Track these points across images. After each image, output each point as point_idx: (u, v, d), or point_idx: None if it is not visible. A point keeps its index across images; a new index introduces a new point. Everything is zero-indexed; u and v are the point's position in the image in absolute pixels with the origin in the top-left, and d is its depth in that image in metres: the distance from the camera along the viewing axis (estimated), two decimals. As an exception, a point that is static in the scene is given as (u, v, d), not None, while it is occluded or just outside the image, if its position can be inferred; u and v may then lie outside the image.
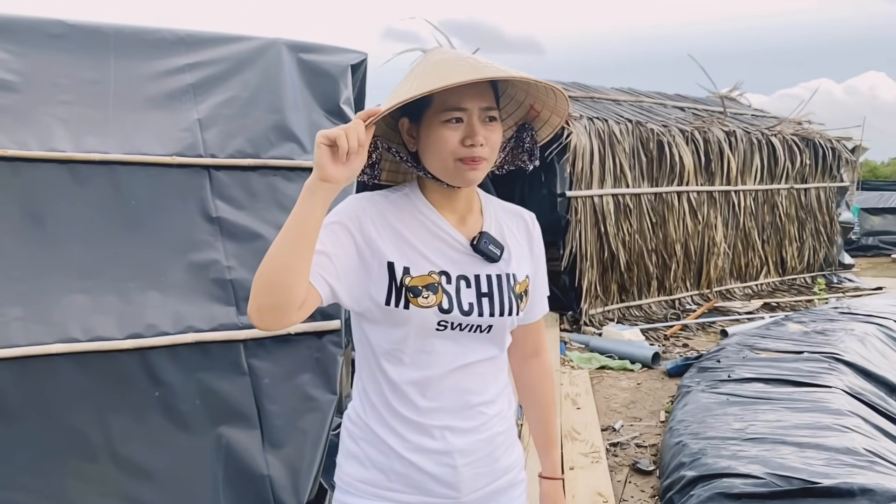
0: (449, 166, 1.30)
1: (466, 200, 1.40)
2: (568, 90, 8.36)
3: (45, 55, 2.76)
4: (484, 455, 1.39)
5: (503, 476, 1.44)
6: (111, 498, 2.33)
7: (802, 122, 10.48)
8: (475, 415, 1.38)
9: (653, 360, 5.49)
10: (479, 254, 1.35)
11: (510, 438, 1.46)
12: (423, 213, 1.36)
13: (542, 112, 1.41)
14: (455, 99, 1.27)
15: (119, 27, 2.94)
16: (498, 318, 1.35)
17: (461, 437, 1.36)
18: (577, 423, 4.07)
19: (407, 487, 1.37)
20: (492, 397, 1.40)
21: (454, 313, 1.31)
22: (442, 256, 1.34)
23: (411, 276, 1.30)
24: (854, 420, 3.31)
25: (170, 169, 2.64)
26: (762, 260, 9.04)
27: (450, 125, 1.28)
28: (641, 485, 3.35)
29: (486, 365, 1.39)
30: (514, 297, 1.37)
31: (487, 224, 1.40)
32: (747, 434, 3.15)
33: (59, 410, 2.32)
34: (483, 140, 1.28)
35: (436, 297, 1.30)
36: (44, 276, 2.42)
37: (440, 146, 1.29)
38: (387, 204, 1.36)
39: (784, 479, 2.60)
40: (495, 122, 1.31)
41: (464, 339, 1.35)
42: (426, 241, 1.34)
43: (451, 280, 1.32)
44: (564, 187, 6.89)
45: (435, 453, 1.35)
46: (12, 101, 2.62)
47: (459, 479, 1.36)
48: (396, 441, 1.36)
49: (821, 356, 4.38)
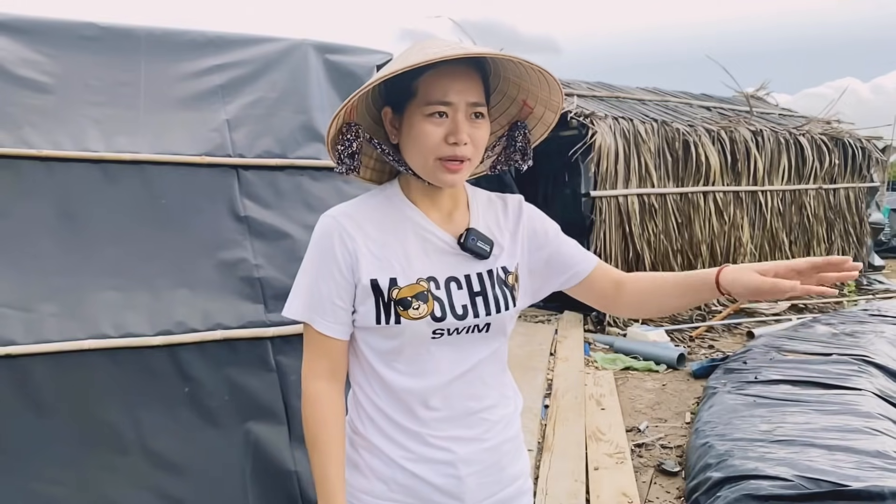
0: (429, 164, 1.23)
1: (452, 196, 1.33)
2: (593, 90, 8.34)
3: (78, 57, 2.81)
4: (490, 464, 1.34)
5: (511, 485, 1.39)
6: (142, 491, 2.37)
7: (831, 121, 10.35)
8: (478, 422, 1.33)
9: (678, 361, 5.45)
10: (468, 252, 1.29)
11: (516, 446, 1.41)
12: (406, 215, 1.30)
13: (535, 108, 1.34)
14: (440, 91, 1.20)
15: (150, 29, 2.99)
16: (495, 316, 1.29)
17: (464, 446, 1.31)
18: (601, 423, 4.05)
19: (409, 497, 1.32)
20: (493, 402, 1.35)
21: (448, 319, 1.25)
22: (428, 260, 1.28)
23: (399, 288, 1.24)
24: (884, 423, 3.27)
25: (199, 168, 2.68)
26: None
27: (433, 119, 1.20)
28: (667, 486, 3.33)
29: (487, 365, 1.33)
30: (507, 289, 1.31)
31: (475, 219, 1.34)
32: (775, 436, 3.12)
33: (91, 405, 2.36)
34: (467, 138, 1.20)
35: (427, 305, 1.24)
36: (76, 274, 2.46)
37: (421, 142, 1.21)
38: (366, 212, 1.30)
39: (812, 481, 2.57)
40: (482, 119, 1.24)
41: (463, 343, 1.30)
42: (411, 245, 1.28)
43: (440, 284, 1.26)
44: (589, 187, 6.87)
45: (438, 464, 1.30)
46: (47, 102, 2.67)
47: (463, 490, 1.31)
48: (397, 451, 1.30)
49: (850, 358, 4.33)
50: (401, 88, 1.23)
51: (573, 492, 3.14)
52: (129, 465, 2.38)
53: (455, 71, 1.20)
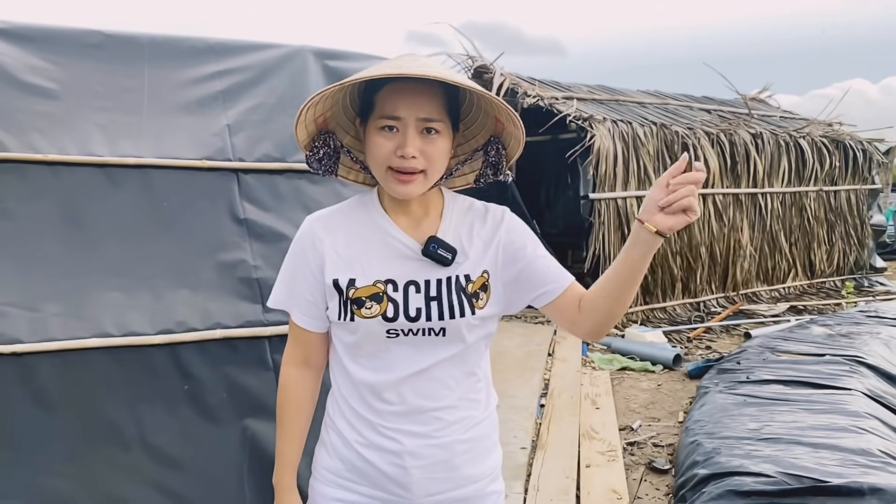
0: (381, 175, 1.30)
1: (422, 204, 1.38)
2: (593, 93, 8.40)
3: (83, 64, 2.89)
4: (440, 461, 1.38)
5: (467, 486, 1.42)
6: (142, 485, 2.44)
7: (833, 123, 10.39)
8: (430, 420, 1.37)
9: (674, 361, 5.51)
10: (429, 258, 1.34)
11: (478, 447, 1.43)
12: (375, 221, 1.37)
13: (507, 126, 1.36)
14: (390, 107, 1.26)
15: (152, 37, 3.07)
16: (449, 321, 1.33)
17: (413, 440, 1.37)
18: (595, 422, 4.12)
19: (362, 480, 1.40)
20: (451, 403, 1.39)
21: (400, 320, 1.32)
22: (390, 264, 1.34)
23: (356, 288, 1.32)
24: (871, 422, 3.33)
25: (200, 172, 2.75)
26: (790, 263, 8.99)
27: (384, 133, 1.27)
28: (657, 483, 3.40)
29: (446, 368, 1.37)
30: (466, 297, 1.35)
31: (444, 227, 1.38)
32: (762, 434, 3.19)
33: (94, 401, 2.44)
34: (415, 152, 1.26)
35: (380, 306, 1.32)
36: (80, 274, 2.54)
37: (374, 153, 1.29)
38: (340, 217, 1.40)
39: (795, 478, 2.64)
40: (436, 135, 1.28)
41: (421, 344, 1.35)
42: (376, 250, 1.35)
43: (399, 287, 1.33)
44: (587, 189, 6.95)
45: (386, 452, 1.37)
46: (53, 107, 2.75)
47: (410, 481, 1.37)
48: (353, 435, 1.40)
49: (842, 359, 4.39)
50: (366, 102, 1.30)
51: (564, 488, 3.22)
52: (131, 460, 2.46)
53: (408, 88, 1.25)
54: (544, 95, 7.44)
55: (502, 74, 7.71)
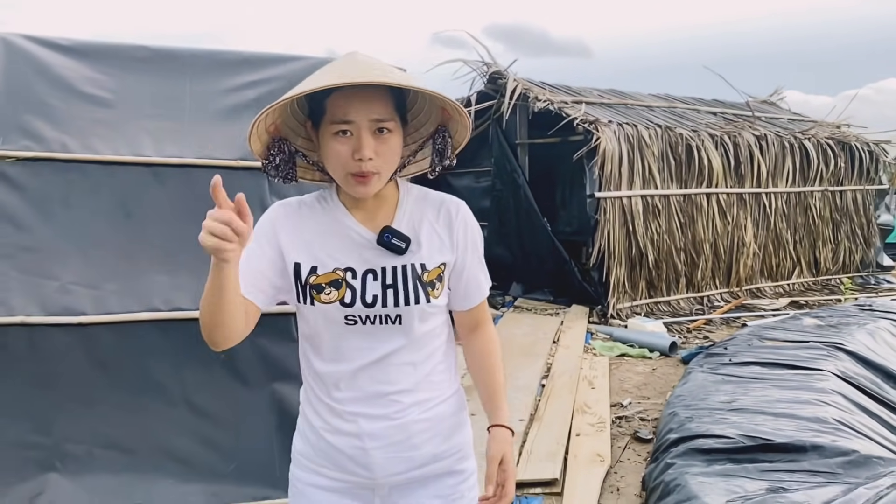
0: (341, 179, 1.35)
1: (377, 196, 1.41)
2: (602, 97, 8.77)
3: (133, 76, 3.30)
4: (397, 441, 1.43)
5: (430, 464, 1.47)
6: (185, 436, 2.87)
7: (840, 125, 10.68)
8: (388, 403, 1.43)
9: (670, 349, 5.86)
10: (384, 247, 1.39)
11: (439, 427, 1.48)
12: (334, 215, 1.42)
13: (453, 115, 1.41)
14: (341, 111, 1.28)
15: (193, 51, 3.49)
16: (405, 308, 1.39)
17: (372, 422, 1.42)
18: (589, 399, 4.50)
19: (329, 463, 1.46)
20: (409, 387, 1.44)
21: (357, 306, 1.37)
22: (349, 254, 1.40)
23: (317, 275, 1.38)
24: (834, 397, 3.65)
25: (235, 171, 3.12)
26: (794, 260, 9.27)
27: (338, 138, 1.30)
28: (639, 450, 3.77)
29: (403, 355, 1.43)
30: (422, 285, 1.40)
31: (398, 218, 1.43)
32: (731, 406, 3.55)
33: (145, 365, 2.87)
34: (371, 154, 1.29)
35: (338, 292, 1.37)
36: (133, 258, 2.96)
37: (332, 159, 1.32)
38: (302, 210, 1.44)
39: (751, 439, 3.00)
40: (389, 133, 1.32)
41: (377, 333, 1.40)
42: (334, 241, 1.41)
43: (357, 275, 1.39)
44: (594, 189, 7.31)
45: (347, 436, 1.43)
46: (108, 115, 3.17)
47: (371, 461, 1.42)
48: (319, 422, 1.46)
49: (822, 345, 4.69)
50: (315, 106, 1.33)
51: (553, 452, 3.61)
52: (176, 414, 2.88)
53: (357, 91, 1.27)
54: (554, 100, 7.81)
55: (515, 80, 8.11)
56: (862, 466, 2.72)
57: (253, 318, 1.36)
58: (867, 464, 2.73)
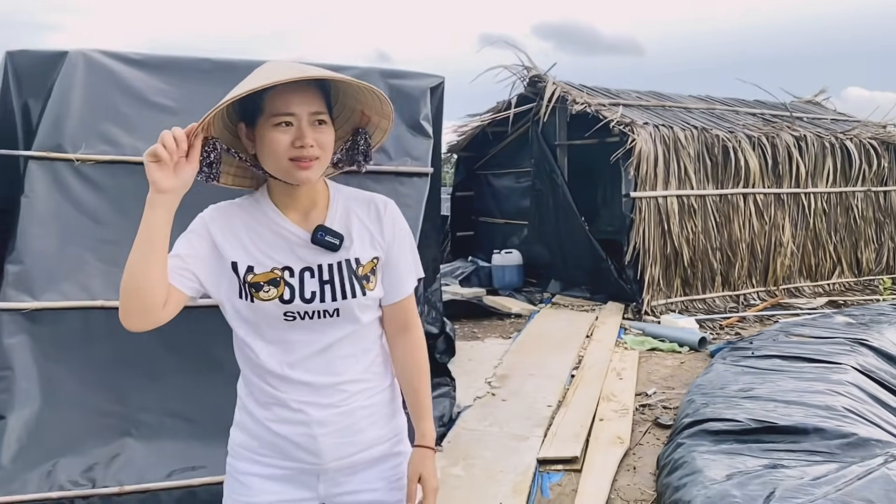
0: (283, 166, 1.40)
1: (309, 197, 1.49)
2: (641, 98, 8.95)
3: (195, 86, 3.65)
4: (345, 426, 1.50)
5: (371, 447, 1.55)
6: (241, 409, 3.22)
7: (887, 125, 10.63)
8: (335, 392, 1.49)
9: (700, 343, 6.05)
10: (318, 245, 1.45)
11: (380, 412, 1.56)
12: (268, 216, 1.47)
13: (372, 117, 1.52)
14: (283, 105, 1.37)
15: (249, 62, 3.81)
16: (342, 302, 1.45)
17: (320, 410, 1.48)
18: (615, 389, 4.74)
19: (274, 453, 1.51)
20: (354, 377, 1.52)
21: (296, 302, 1.43)
22: (285, 253, 1.45)
23: (254, 274, 1.42)
24: (849, 388, 3.82)
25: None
26: (834, 260, 9.30)
27: (280, 128, 1.38)
28: (658, 434, 4.00)
29: (344, 347, 1.50)
30: (357, 279, 1.47)
31: (331, 217, 1.49)
32: (746, 394, 3.76)
33: (204, 345, 3.22)
34: (313, 141, 1.38)
35: (277, 290, 1.42)
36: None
37: (273, 148, 1.38)
38: (237, 211, 1.49)
39: (757, 422, 3.22)
40: (325, 125, 1.41)
41: (316, 327, 1.46)
42: (271, 241, 1.46)
43: (295, 273, 1.44)
44: (629, 189, 7.51)
45: (296, 424, 1.48)
46: (172, 122, 3.47)
47: (319, 448, 1.48)
48: (262, 412, 1.50)
49: (846, 340, 4.83)
50: (252, 106, 1.41)
51: (576, 434, 3.87)
52: (231, 389, 3.22)
53: (296, 88, 1.38)
54: (592, 102, 8.03)
55: (554, 83, 8.36)
56: (860, 448, 2.92)
57: (174, 303, 1.39)
58: (865, 445, 2.93)
